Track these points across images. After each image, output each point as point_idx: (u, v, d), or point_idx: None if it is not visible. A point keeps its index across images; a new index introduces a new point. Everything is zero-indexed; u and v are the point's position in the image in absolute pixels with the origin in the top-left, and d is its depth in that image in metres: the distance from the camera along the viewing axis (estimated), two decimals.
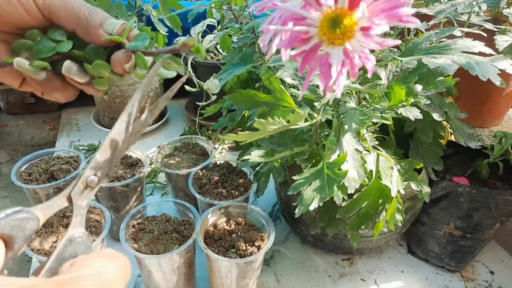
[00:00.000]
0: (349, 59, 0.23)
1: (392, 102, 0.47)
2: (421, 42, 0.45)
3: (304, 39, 0.24)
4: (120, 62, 0.32)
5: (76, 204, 0.27)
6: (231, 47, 0.92)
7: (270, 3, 0.25)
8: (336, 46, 0.23)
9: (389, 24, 0.22)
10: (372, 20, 0.22)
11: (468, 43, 0.43)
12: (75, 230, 0.26)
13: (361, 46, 0.23)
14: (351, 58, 0.23)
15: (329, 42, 0.23)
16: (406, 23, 0.22)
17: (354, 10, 0.22)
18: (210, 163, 0.75)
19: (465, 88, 0.44)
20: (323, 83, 0.24)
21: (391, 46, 0.21)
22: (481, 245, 0.67)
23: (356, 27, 0.22)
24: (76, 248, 0.25)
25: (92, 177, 0.27)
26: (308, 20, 0.23)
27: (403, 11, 0.21)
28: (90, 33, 0.32)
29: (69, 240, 0.25)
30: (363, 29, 0.22)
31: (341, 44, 0.23)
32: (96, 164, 0.27)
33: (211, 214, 0.61)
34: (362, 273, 0.70)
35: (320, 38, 0.24)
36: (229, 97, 0.53)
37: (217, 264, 0.56)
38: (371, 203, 0.52)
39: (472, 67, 0.40)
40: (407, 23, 0.22)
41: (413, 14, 0.22)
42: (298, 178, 0.47)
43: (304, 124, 0.43)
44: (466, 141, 0.59)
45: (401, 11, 0.21)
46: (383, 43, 0.22)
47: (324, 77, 0.24)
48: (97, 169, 0.27)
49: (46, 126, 1.22)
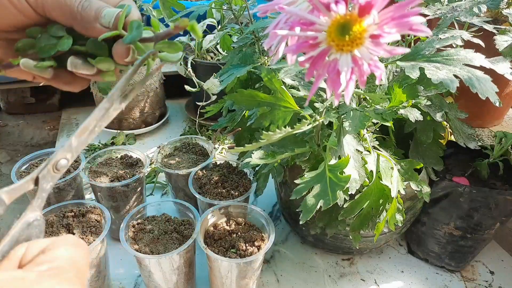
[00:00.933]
0: (358, 66, 0.23)
1: (393, 103, 0.47)
2: (423, 48, 0.45)
3: (312, 45, 0.24)
4: (121, 56, 0.32)
5: (41, 186, 0.27)
6: (231, 47, 0.92)
7: (276, 6, 0.25)
8: (344, 52, 0.23)
9: (399, 33, 0.21)
10: (382, 28, 0.22)
11: (470, 55, 0.44)
12: (33, 214, 0.26)
13: (370, 54, 0.22)
14: (359, 65, 0.23)
15: (337, 48, 0.23)
16: (416, 32, 0.21)
17: (364, 17, 0.22)
18: (210, 163, 0.75)
19: (465, 88, 0.44)
20: (332, 89, 0.24)
21: (401, 54, 0.21)
22: (481, 245, 0.67)
23: (365, 34, 0.22)
24: (31, 231, 0.25)
25: (63, 161, 0.27)
26: (317, 25, 0.23)
27: (414, 19, 0.21)
28: (87, 29, 0.31)
29: (27, 224, 0.25)
30: (372, 37, 0.22)
31: (349, 51, 0.23)
32: (69, 148, 0.27)
33: (211, 214, 0.61)
34: (362, 273, 0.70)
35: (329, 44, 0.23)
36: (230, 97, 0.53)
37: (217, 264, 0.56)
38: (372, 204, 0.52)
39: (473, 84, 0.42)
40: (418, 32, 0.21)
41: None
42: (300, 182, 0.47)
43: (306, 127, 0.43)
44: (466, 141, 0.59)
45: (412, 20, 0.21)
46: (393, 51, 0.22)
47: (332, 84, 0.24)
48: (69, 152, 0.27)
49: (46, 126, 1.22)
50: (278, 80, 0.48)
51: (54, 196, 0.69)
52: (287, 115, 0.50)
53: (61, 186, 0.68)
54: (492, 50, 0.51)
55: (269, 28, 0.25)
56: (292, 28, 0.23)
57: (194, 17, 0.77)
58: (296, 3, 0.25)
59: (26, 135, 1.17)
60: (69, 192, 0.71)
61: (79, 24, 0.31)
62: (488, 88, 0.42)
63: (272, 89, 0.49)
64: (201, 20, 1.03)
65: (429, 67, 0.43)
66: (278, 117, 0.50)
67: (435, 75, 0.41)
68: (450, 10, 0.51)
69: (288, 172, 0.63)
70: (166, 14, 0.92)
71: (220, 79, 0.63)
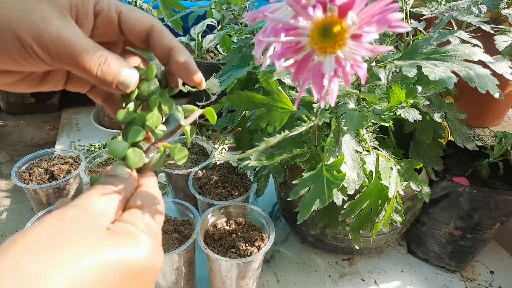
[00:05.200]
0: (341, 67, 0.23)
1: (392, 103, 0.47)
2: (421, 45, 0.45)
3: (296, 49, 0.24)
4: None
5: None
6: (231, 47, 0.92)
7: (261, 14, 0.25)
8: (328, 54, 0.23)
9: (379, 31, 0.22)
10: (362, 28, 0.22)
11: (468, 50, 0.43)
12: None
13: (353, 54, 0.22)
14: (343, 66, 0.23)
15: (321, 51, 0.23)
16: (396, 29, 0.21)
17: (344, 18, 0.22)
18: (210, 163, 0.75)
19: (465, 88, 0.43)
20: (317, 92, 0.24)
21: (383, 52, 0.21)
22: (481, 245, 0.67)
23: (347, 35, 0.22)
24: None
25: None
26: (299, 29, 0.23)
27: (392, 16, 0.21)
28: (105, 87, 0.30)
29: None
30: (353, 37, 0.22)
31: (332, 53, 0.23)
32: None
33: (211, 214, 0.61)
34: (362, 273, 0.70)
35: (312, 47, 0.23)
36: (227, 99, 0.53)
37: (217, 264, 0.56)
38: (371, 204, 0.52)
39: (471, 79, 0.41)
40: (397, 28, 0.21)
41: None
42: (297, 182, 0.47)
43: (303, 128, 0.43)
44: (464, 142, 0.59)
45: (390, 17, 0.21)
46: (375, 50, 0.22)
47: (317, 87, 0.24)
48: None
49: (46, 126, 1.22)
50: (274, 82, 0.48)
51: (54, 196, 0.69)
52: (284, 116, 0.50)
53: (61, 186, 0.68)
54: (491, 50, 0.51)
55: (256, 36, 0.25)
56: (277, 34, 0.23)
57: (194, 17, 0.77)
58: (281, 10, 0.25)
59: (26, 135, 1.17)
60: (69, 192, 0.71)
61: (97, 83, 0.30)
62: (487, 81, 0.42)
63: (269, 90, 0.49)
64: (201, 20, 1.03)
65: (427, 65, 0.43)
66: (275, 118, 0.50)
67: (433, 73, 0.41)
68: (447, 9, 0.51)
69: (288, 172, 0.63)
70: (166, 14, 0.92)
71: (220, 80, 0.63)
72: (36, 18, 0.27)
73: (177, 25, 0.95)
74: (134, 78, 0.30)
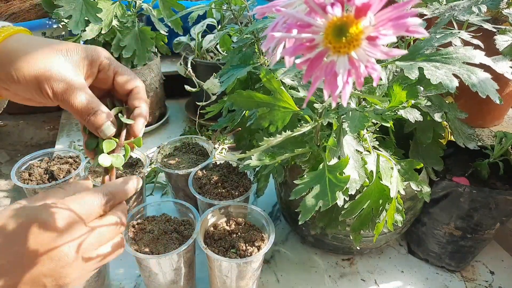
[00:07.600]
0: (355, 68, 0.22)
1: (393, 103, 0.47)
2: (422, 46, 0.45)
3: (309, 47, 0.23)
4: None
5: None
6: (231, 47, 0.92)
7: (273, 8, 0.25)
8: (341, 54, 0.23)
9: (396, 34, 0.21)
10: (379, 30, 0.22)
11: (469, 53, 0.43)
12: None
13: (367, 55, 0.22)
14: (356, 67, 0.22)
15: (334, 50, 0.23)
16: (413, 33, 0.21)
17: (361, 19, 0.22)
18: (210, 163, 0.75)
19: (465, 88, 0.43)
20: (329, 92, 0.24)
21: (399, 55, 0.21)
22: (481, 245, 0.67)
23: (362, 36, 0.22)
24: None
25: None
26: (313, 27, 0.23)
27: (411, 21, 0.21)
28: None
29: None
30: (369, 39, 0.22)
31: (346, 53, 0.23)
32: None
33: (211, 214, 0.61)
34: (362, 273, 0.70)
35: (325, 46, 0.23)
36: (229, 98, 0.53)
37: (217, 264, 0.56)
38: (372, 204, 0.52)
39: (472, 83, 0.41)
40: (414, 33, 0.21)
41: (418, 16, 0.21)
42: (299, 182, 0.46)
43: (307, 128, 0.43)
44: (465, 141, 0.59)
45: (409, 21, 0.21)
46: (390, 53, 0.22)
47: (330, 86, 0.23)
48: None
49: (46, 126, 1.22)
50: (277, 81, 0.48)
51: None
52: (286, 116, 0.50)
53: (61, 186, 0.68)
54: (491, 50, 0.51)
55: (267, 30, 0.25)
56: (289, 30, 0.23)
57: (193, 18, 0.76)
58: (294, 5, 0.25)
59: (26, 135, 1.17)
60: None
61: (85, 124, 0.43)
62: (488, 86, 0.42)
63: (271, 90, 0.49)
64: (201, 20, 1.03)
65: (428, 67, 0.42)
66: (277, 117, 0.50)
67: (434, 75, 0.41)
68: (448, 9, 0.50)
69: (288, 172, 0.63)
70: (165, 14, 0.92)
71: (220, 80, 0.63)
72: (54, 72, 0.39)
73: (177, 25, 0.95)
74: (110, 132, 0.42)
